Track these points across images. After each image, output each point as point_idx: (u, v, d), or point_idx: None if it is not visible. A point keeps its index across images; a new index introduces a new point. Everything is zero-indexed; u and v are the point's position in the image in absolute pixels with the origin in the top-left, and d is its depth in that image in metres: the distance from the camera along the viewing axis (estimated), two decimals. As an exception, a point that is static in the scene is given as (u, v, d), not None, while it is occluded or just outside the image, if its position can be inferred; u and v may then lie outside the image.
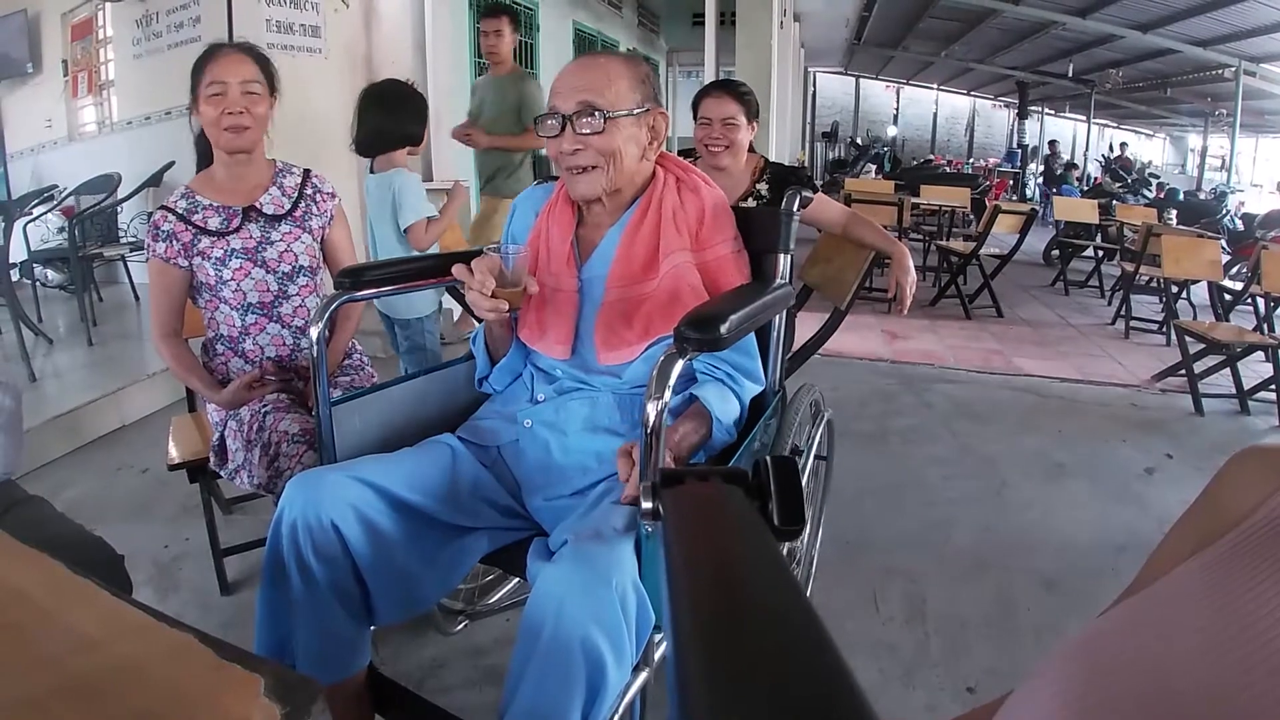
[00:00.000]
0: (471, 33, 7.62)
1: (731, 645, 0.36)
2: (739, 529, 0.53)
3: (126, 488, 3.06)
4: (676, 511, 0.57)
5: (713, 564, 0.47)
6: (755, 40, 7.73)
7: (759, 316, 1.32)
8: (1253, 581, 0.57)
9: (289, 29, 4.51)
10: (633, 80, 1.50)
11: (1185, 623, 0.57)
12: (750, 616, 0.40)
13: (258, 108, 2.00)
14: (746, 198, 2.66)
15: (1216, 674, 0.53)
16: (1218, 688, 0.52)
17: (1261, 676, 0.51)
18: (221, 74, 1.94)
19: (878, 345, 5.53)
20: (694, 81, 15.20)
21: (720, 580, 0.45)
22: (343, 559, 1.33)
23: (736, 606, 0.41)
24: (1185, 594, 0.60)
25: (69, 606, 0.84)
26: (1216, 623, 0.56)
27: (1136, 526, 2.93)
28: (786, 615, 0.39)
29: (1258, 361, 4.75)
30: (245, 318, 2.08)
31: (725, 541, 0.52)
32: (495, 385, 1.71)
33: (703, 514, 0.57)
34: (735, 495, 0.59)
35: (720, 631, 0.38)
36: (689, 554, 0.49)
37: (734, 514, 0.56)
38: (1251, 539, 0.60)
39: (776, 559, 0.45)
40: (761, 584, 0.43)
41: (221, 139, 1.99)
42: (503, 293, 1.43)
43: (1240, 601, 0.56)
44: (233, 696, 0.72)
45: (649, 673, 1.24)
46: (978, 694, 2.02)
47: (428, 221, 2.85)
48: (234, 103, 1.95)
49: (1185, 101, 18.59)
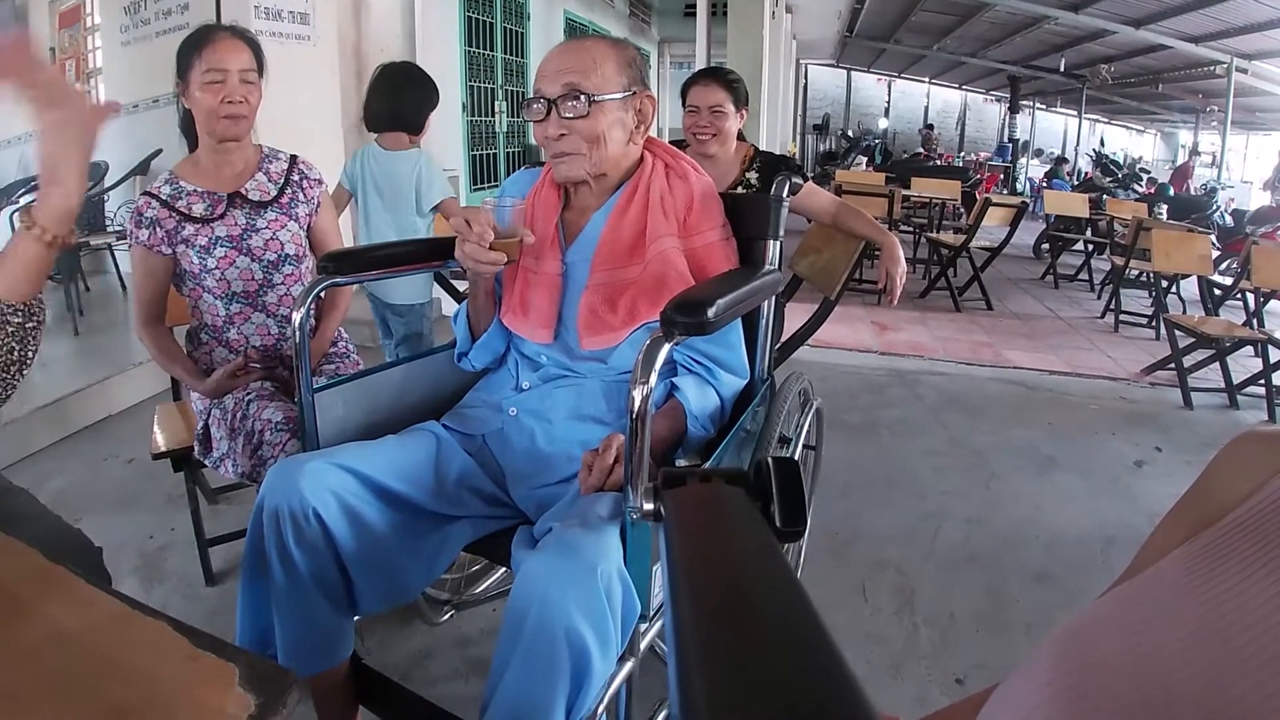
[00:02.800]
0: (462, 22, 7.60)
1: (733, 646, 0.37)
2: (740, 530, 0.54)
3: (113, 477, 3.04)
4: (678, 512, 0.57)
5: (714, 565, 0.48)
6: (747, 31, 7.75)
7: (747, 301, 1.31)
8: (1247, 570, 0.56)
9: (278, 15, 4.47)
10: (619, 63, 1.48)
11: (1177, 613, 0.56)
12: (752, 617, 0.40)
13: (253, 96, 1.96)
14: (736, 186, 2.64)
15: (1210, 666, 0.51)
16: (1211, 680, 0.51)
17: (1256, 668, 0.49)
18: (221, 61, 1.89)
19: (867, 337, 5.53)
20: (685, 73, 15.19)
21: (722, 581, 0.45)
22: (324, 548, 1.31)
23: (738, 607, 0.41)
24: (1176, 583, 0.59)
25: (46, 598, 0.83)
26: (1209, 613, 0.54)
27: (1126, 519, 2.93)
28: (788, 616, 0.39)
29: (1247, 356, 4.78)
30: (230, 306, 2.05)
31: (727, 542, 0.52)
32: (475, 362, 1.69)
33: (704, 515, 0.58)
34: (737, 496, 0.59)
35: (721, 632, 0.38)
36: (691, 555, 0.50)
37: (735, 515, 0.56)
38: (1245, 525, 0.59)
39: (778, 560, 0.46)
40: (763, 585, 0.44)
41: (219, 127, 1.95)
42: (500, 244, 1.42)
43: (1233, 591, 0.55)
44: (207, 687, 0.71)
45: (635, 662, 1.23)
46: (966, 686, 2.01)
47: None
48: (234, 91, 1.91)
49: (1176, 98, 18.62)
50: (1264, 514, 0.59)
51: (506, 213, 1.43)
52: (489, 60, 8.39)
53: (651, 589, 1.20)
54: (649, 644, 1.29)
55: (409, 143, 2.96)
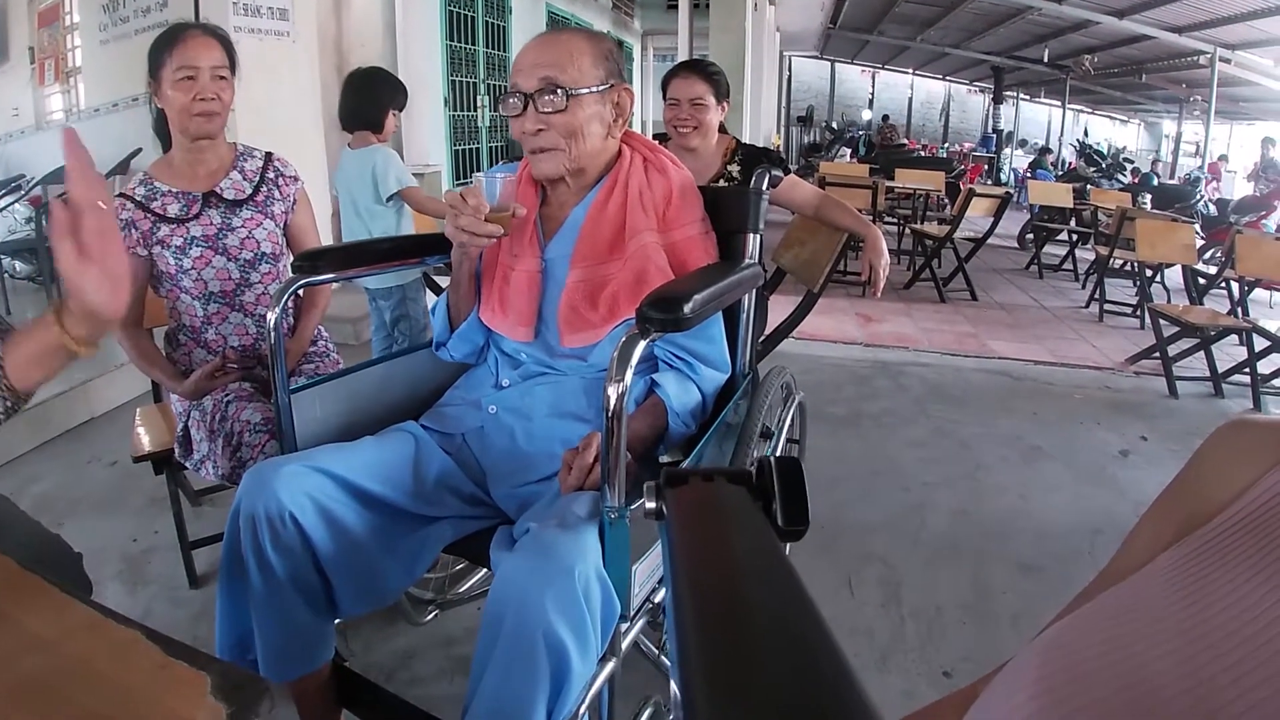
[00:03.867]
0: (443, 16, 7.56)
1: (736, 645, 0.37)
2: (742, 529, 0.54)
3: (96, 480, 3.02)
4: (680, 512, 0.58)
5: (716, 564, 0.48)
6: (729, 24, 7.74)
7: (725, 296, 1.30)
8: (1241, 576, 0.55)
9: (256, 11, 4.42)
10: (595, 56, 1.47)
11: (1165, 622, 0.56)
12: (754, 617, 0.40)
13: (226, 93, 1.95)
14: (718, 179, 2.63)
15: (1203, 677, 0.51)
16: (1205, 692, 0.50)
17: (1256, 684, 0.49)
18: (193, 59, 1.88)
19: (851, 328, 5.54)
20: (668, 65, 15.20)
21: (724, 580, 0.45)
22: (302, 551, 1.30)
23: (740, 607, 0.42)
24: (1164, 590, 0.58)
25: (19, 605, 0.83)
26: (1199, 623, 0.54)
27: (1112, 509, 2.94)
28: (790, 616, 0.40)
29: (1231, 345, 4.79)
30: (207, 307, 2.04)
31: (729, 542, 0.53)
32: (453, 352, 1.68)
33: (706, 514, 0.58)
34: (738, 495, 0.59)
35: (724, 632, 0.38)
36: (692, 554, 0.50)
37: (737, 514, 0.56)
38: (1237, 527, 0.58)
39: (781, 560, 0.46)
40: (765, 584, 0.44)
41: (191, 125, 1.93)
42: (493, 217, 1.41)
43: (1225, 600, 0.54)
44: (179, 696, 0.72)
45: (616, 663, 1.22)
46: (954, 679, 2.02)
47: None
48: (205, 88, 1.89)
49: (1160, 88, 18.71)
50: (1256, 516, 0.58)
51: (497, 184, 1.43)
52: (471, 54, 8.35)
53: (632, 589, 1.20)
54: (631, 643, 1.28)
55: (373, 141, 3.10)
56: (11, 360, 1.01)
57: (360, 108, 3.09)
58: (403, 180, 3.06)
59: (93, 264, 0.93)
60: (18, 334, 1.03)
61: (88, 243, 0.92)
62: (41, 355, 1.02)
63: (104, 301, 0.95)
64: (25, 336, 1.03)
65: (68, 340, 1.00)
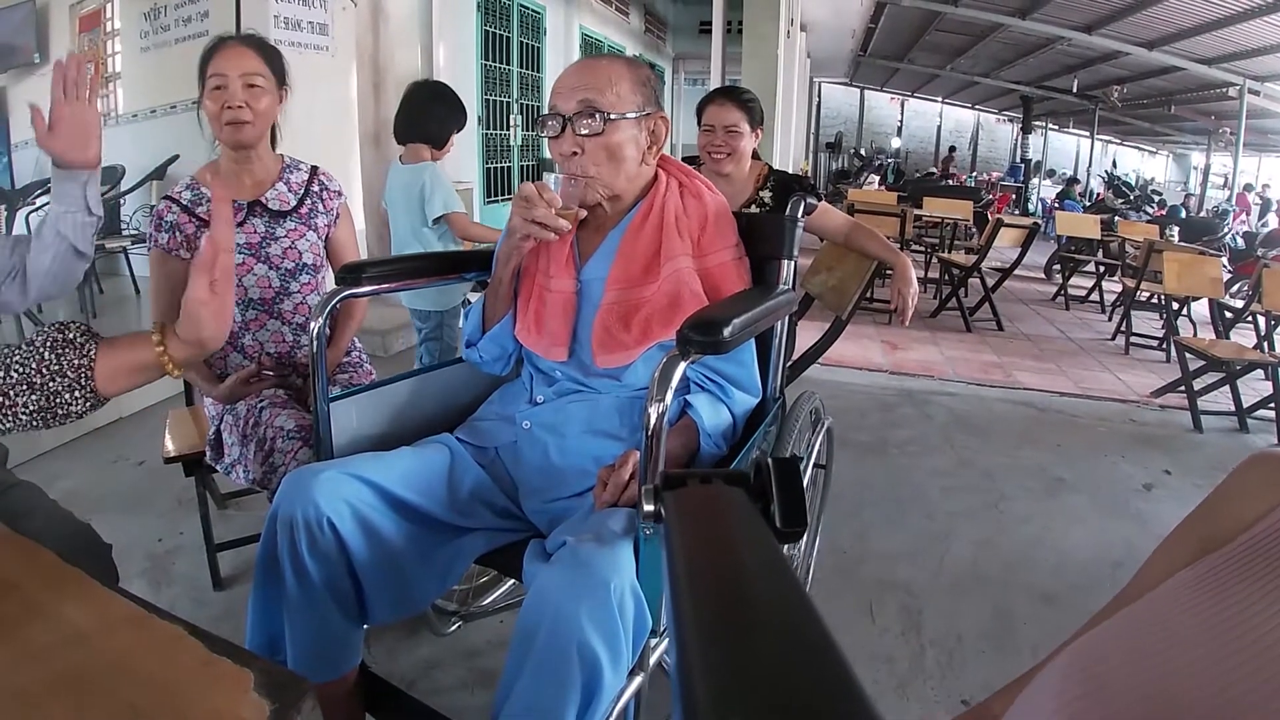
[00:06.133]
0: (479, 36, 7.64)
1: (734, 646, 0.36)
2: (741, 530, 0.54)
3: (122, 480, 3.05)
4: (678, 513, 0.57)
5: (715, 565, 0.47)
6: (761, 49, 7.75)
7: (762, 321, 1.32)
8: (1260, 594, 0.56)
9: (297, 26, 4.50)
10: (634, 82, 1.49)
11: (1184, 637, 0.56)
12: (753, 617, 0.40)
13: (259, 102, 1.96)
14: (750, 205, 2.65)
15: (1224, 693, 0.52)
16: (1223, 703, 0.51)
17: (1273, 693, 0.50)
18: (223, 67, 1.92)
19: (877, 356, 5.52)
20: (699, 89, 15.24)
21: (722, 581, 0.45)
22: (338, 557, 1.32)
23: (739, 607, 0.41)
24: (1183, 606, 0.59)
25: (60, 598, 0.84)
26: (1218, 637, 0.55)
27: (1135, 542, 2.92)
28: (789, 616, 0.39)
29: (1257, 379, 4.75)
30: (245, 313, 2.07)
31: (727, 543, 0.52)
32: (483, 353, 1.69)
33: (705, 516, 0.57)
34: (737, 497, 0.59)
35: (723, 632, 0.38)
36: (691, 555, 0.49)
37: (736, 515, 0.56)
38: (1256, 548, 0.59)
39: (779, 560, 0.46)
40: (764, 585, 0.44)
41: (222, 133, 1.97)
42: (562, 213, 1.45)
43: (1247, 615, 0.55)
44: (223, 692, 0.72)
45: (644, 677, 1.23)
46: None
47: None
48: (234, 96, 1.92)
49: (1189, 119, 18.62)
50: (1274, 537, 0.59)
51: (566, 185, 1.47)
52: (505, 74, 8.43)
53: (663, 604, 1.21)
54: (658, 659, 1.29)
55: (428, 157, 3.06)
56: (103, 367, 1.04)
57: (422, 121, 3.04)
58: (449, 205, 3.00)
59: (216, 299, 1.01)
60: (116, 343, 1.06)
61: (218, 279, 1.01)
62: (135, 369, 1.06)
63: (214, 335, 1.04)
64: (124, 348, 1.06)
65: (165, 361, 1.05)
